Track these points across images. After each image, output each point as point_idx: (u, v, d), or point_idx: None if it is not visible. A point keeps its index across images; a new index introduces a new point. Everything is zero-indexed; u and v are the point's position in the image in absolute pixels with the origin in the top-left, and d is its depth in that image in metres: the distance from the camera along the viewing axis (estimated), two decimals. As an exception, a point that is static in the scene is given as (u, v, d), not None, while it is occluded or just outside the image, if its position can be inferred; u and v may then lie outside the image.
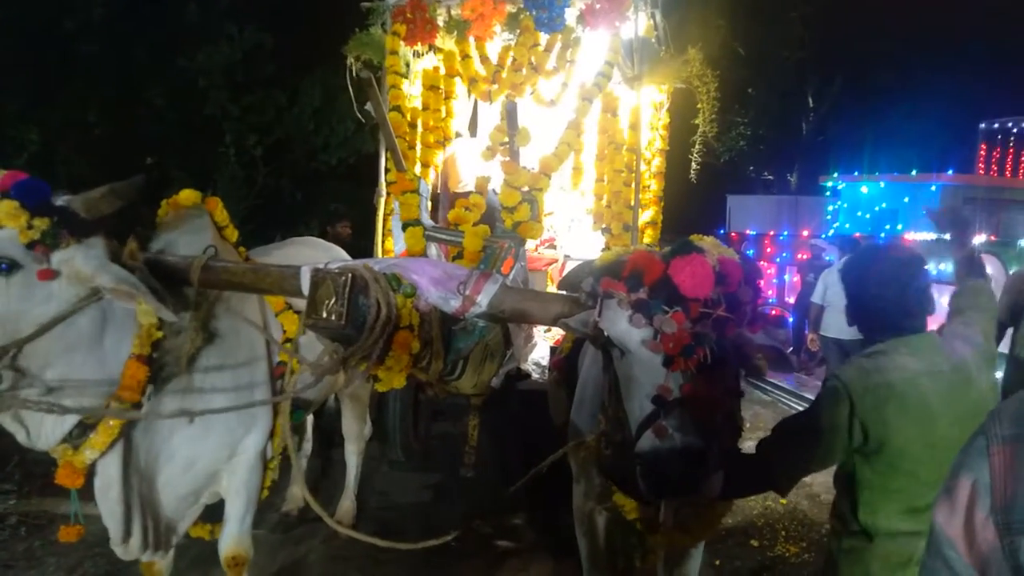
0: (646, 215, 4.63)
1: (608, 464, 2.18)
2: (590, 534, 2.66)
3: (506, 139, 3.17)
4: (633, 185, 4.12)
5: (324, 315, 1.95)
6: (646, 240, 4.54)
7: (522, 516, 4.40)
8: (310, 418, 4.33)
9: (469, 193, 4.09)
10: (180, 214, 2.39)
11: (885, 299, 1.85)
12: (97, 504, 2.31)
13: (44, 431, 2.16)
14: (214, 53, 9.51)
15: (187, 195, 2.53)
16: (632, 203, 4.12)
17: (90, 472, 2.23)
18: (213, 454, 2.50)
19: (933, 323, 1.96)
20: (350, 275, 1.96)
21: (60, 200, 2.05)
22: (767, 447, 1.94)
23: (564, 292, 2.34)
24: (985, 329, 2.01)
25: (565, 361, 3.03)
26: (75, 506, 2.24)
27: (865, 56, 16.76)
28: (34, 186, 1.99)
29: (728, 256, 1.79)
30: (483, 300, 2.18)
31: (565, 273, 2.36)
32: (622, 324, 1.75)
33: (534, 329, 4.37)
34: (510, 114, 3.07)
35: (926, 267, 1.90)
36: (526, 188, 3.04)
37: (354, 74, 4.18)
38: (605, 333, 1.83)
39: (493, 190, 4.02)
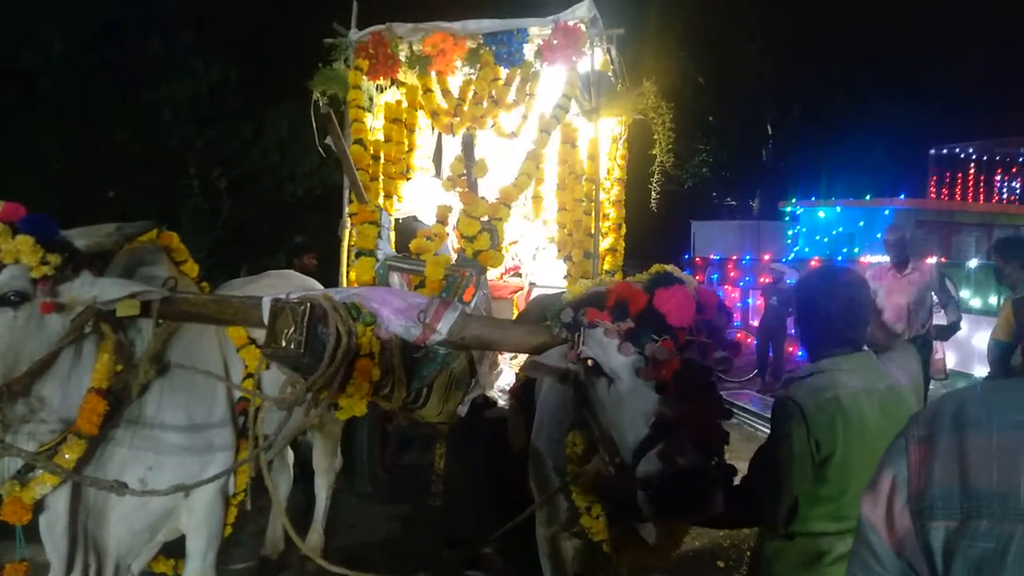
0: (606, 242, 4.73)
1: (611, 489, 2.17)
2: (554, 558, 2.69)
3: (465, 171, 3.24)
4: (593, 214, 4.22)
5: (283, 344, 1.98)
6: (606, 267, 4.63)
7: (491, 545, 4.38)
8: (290, 452, 4.30)
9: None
10: (135, 248, 2.40)
11: (830, 312, 1.96)
12: (41, 538, 2.29)
13: (2, 467, 2.15)
14: (178, 87, 9.51)
15: (141, 229, 2.53)
16: (592, 231, 4.21)
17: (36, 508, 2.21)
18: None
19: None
20: (309, 305, 2.00)
21: (61, 235, 2.11)
22: (749, 483, 1.97)
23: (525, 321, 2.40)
24: (915, 368, 2.18)
25: (522, 388, 3.07)
26: (20, 542, 2.21)
27: (820, 85, 17.38)
28: (44, 221, 2.05)
29: (696, 285, 1.90)
30: (443, 328, 2.22)
31: (527, 305, 2.42)
32: (612, 352, 1.81)
33: (499, 356, 4.40)
34: (467, 146, 3.14)
35: (867, 288, 2.03)
36: (486, 218, 3.11)
37: (319, 109, 4.23)
38: (590, 362, 1.88)
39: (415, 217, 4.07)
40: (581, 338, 1.91)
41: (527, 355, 2.47)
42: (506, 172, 4.04)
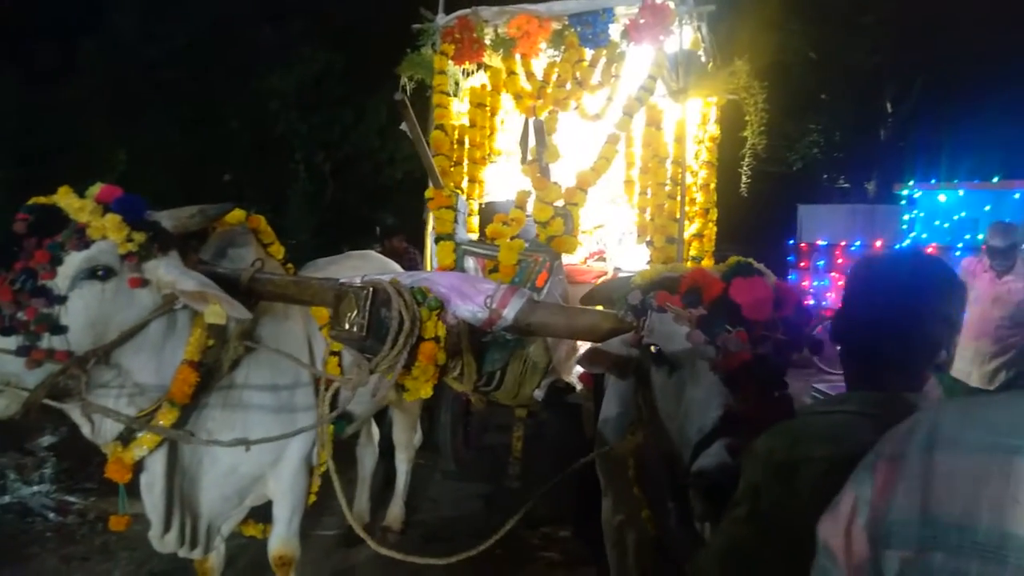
0: (692, 228, 4.59)
1: (660, 486, 2.08)
2: (619, 547, 2.67)
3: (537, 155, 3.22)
4: (679, 198, 4.09)
5: (347, 327, 2.06)
6: (692, 252, 4.49)
7: (569, 527, 4.41)
8: (375, 429, 4.48)
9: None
10: (226, 231, 2.55)
11: (889, 321, 1.29)
12: (141, 497, 2.48)
13: (104, 427, 2.34)
14: (287, 75, 9.99)
15: (233, 213, 2.68)
16: (677, 216, 4.09)
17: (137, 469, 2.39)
18: (256, 459, 2.61)
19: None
20: (371, 289, 2.06)
21: (151, 215, 2.25)
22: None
23: (592, 308, 2.37)
24: None
25: (592, 375, 3.04)
26: (123, 499, 2.41)
27: (946, 58, 15.96)
28: (133, 202, 2.20)
29: (776, 279, 1.80)
30: (509, 314, 2.24)
31: (591, 290, 2.39)
32: (679, 340, 1.74)
33: (578, 342, 4.38)
34: (539, 131, 3.13)
35: (962, 292, 1.31)
36: (560, 203, 3.08)
37: (404, 94, 4.30)
38: (653, 349, 1.82)
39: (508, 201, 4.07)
40: (647, 323, 1.85)
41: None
42: (586, 156, 3.99)
